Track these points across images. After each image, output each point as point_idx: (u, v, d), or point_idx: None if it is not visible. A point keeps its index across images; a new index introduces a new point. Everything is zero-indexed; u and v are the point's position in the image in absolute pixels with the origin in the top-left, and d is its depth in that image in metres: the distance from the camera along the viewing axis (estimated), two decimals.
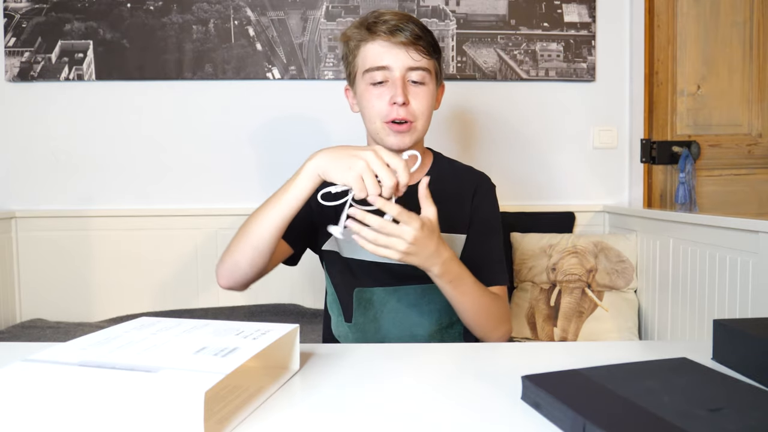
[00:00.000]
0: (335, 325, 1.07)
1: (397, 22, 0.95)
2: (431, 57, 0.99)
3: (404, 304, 1.02)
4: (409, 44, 0.95)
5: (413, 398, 0.55)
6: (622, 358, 0.60)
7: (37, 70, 1.80)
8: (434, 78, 1.01)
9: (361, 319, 1.02)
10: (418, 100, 0.97)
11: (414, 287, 1.02)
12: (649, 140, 1.94)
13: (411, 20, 0.97)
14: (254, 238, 0.89)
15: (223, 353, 0.52)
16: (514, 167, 1.88)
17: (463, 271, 0.88)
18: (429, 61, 0.98)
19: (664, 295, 1.56)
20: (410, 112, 0.96)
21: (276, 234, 0.88)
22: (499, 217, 1.09)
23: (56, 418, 0.46)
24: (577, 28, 1.87)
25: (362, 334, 1.03)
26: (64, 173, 1.84)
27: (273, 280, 1.85)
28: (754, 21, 1.95)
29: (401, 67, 0.95)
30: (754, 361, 0.58)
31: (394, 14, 0.97)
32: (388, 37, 0.95)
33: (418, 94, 0.97)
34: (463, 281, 0.88)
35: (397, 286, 1.02)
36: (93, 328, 1.63)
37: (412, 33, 0.95)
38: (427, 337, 1.02)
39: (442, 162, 1.10)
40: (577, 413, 0.44)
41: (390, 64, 0.95)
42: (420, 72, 0.97)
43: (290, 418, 0.51)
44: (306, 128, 1.86)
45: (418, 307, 1.02)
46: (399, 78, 0.95)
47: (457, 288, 0.88)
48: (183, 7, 1.81)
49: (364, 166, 0.75)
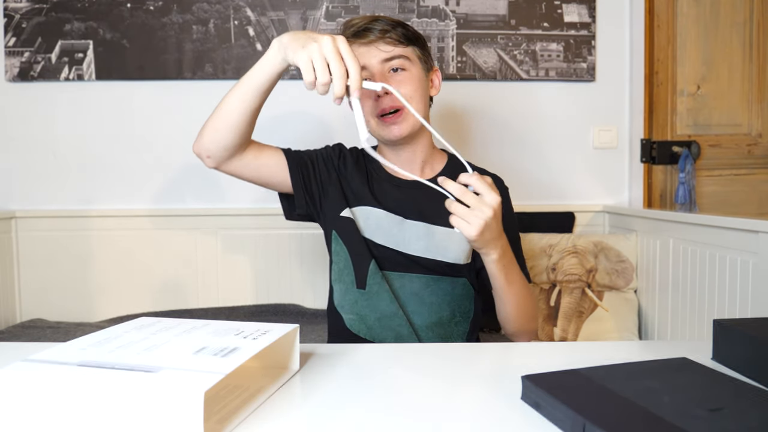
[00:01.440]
0: (341, 293, 1.06)
1: (363, 23, 1.00)
2: (406, 45, 1.02)
3: (406, 291, 1.02)
4: (378, 40, 0.99)
5: (413, 398, 0.55)
6: (622, 358, 0.60)
7: (37, 70, 1.80)
8: (417, 63, 1.04)
9: (375, 287, 1.02)
10: (401, 86, 0.99)
11: (419, 276, 1.03)
12: (649, 140, 1.94)
13: (378, 19, 1.01)
14: (225, 111, 0.93)
15: (223, 353, 0.52)
16: (513, 167, 1.88)
17: (513, 259, 0.92)
18: (404, 48, 1.01)
19: (664, 295, 1.56)
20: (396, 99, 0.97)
21: (246, 108, 0.91)
22: (515, 218, 1.11)
23: (56, 418, 0.46)
24: (577, 28, 1.87)
25: (369, 302, 1.02)
26: (64, 173, 1.84)
27: (273, 280, 1.86)
28: (754, 21, 1.95)
29: (376, 62, 1.00)
30: (754, 361, 0.58)
31: (362, 18, 1.02)
32: (357, 40, 1.00)
33: (400, 81, 1.00)
34: (514, 268, 0.92)
35: (402, 272, 1.03)
36: (93, 328, 1.63)
37: (379, 29, 0.99)
38: (424, 328, 1.02)
39: (455, 163, 1.12)
40: (577, 413, 0.44)
41: (365, 63, 0.99)
42: (396, 60, 1.00)
43: (290, 418, 0.51)
44: (306, 128, 1.86)
45: (419, 296, 1.02)
46: (377, 72, 1.00)
47: (509, 274, 0.90)
48: (183, 7, 1.80)
49: (316, 49, 0.76)
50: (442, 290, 1.03)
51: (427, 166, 1.10)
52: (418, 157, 1.08)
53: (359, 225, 1.05)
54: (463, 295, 1.05)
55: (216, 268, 1.83)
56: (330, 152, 1.12)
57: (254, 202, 1.85)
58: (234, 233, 1.83)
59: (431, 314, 1.02)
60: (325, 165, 1.10)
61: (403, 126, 1.00)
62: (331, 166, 1.10)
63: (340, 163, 1.11)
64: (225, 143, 0.95)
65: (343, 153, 1.13)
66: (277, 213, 1.80)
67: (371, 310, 1.02)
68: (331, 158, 1.11)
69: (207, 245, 1.83)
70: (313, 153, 1.12)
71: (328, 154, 1.12)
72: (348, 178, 1.09)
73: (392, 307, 1.01)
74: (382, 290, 1.01)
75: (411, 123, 1.01)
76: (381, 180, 1.09)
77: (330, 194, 1.07)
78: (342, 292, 1.06)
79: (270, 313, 1.75)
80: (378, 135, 1.03)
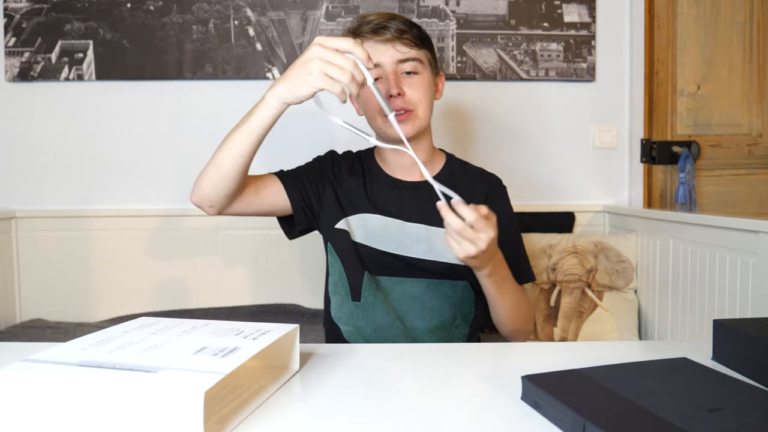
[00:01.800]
0: (338, 306, 1.06)
1: (380, 21, 0.99)
2: (420, 48, 1.01)
3: (408, 296, 1.02)
4: (395, 39, 0.98)
5: (413, 398, 0.55)
6: (622, 358, 0.60)
7: (37, 70, 1.80)
8: (428, 67, 1.03)
9: (370, 299, 1.02)
10: (413, 89, 0.99)
11: (419, 281, 1.02)
12: (649, 140, 1.94)
13: (394, 17, 1.00)
14: (223, 162, 0.91)
15: (223, 353, 0.52)
16: (513, 167, 1.88)
17: (508, 272, 0.93)
18: (418, 51, 1.01)
19: (664, 295, 1.56)
20: (407, 101, 0.99)
21: (244, 157, 0.89)
22: (516, 219, 1.11)
23: (56, 419, 0.46)
24: (577, 28, 1.87)
25: (365, 314, 1.02)
26: (64, 173, 1.84)
27: (273, 280, 1.86)
28: (754, 21, 1.95)
29: (391, 61, 0.99)
30: (754, 361, 0.58)
31: (378, 14, 1.00)
32: (374, 37, 0.99)
33: (413, 84, 1.00)
34: (507, 282, 0.93)
35: (404, 277, 1.02)
36: (93, 328, 1.63)
37: (396, 29, 0.98)
38: (426, 332, 1.02)
39: (454, 163, 1.12)
40: (577, 413, 0.44)
41: (380, 61, 0.98)
42: (411, 63, 1.00)
43: (290, 418, 0.51)
44: (307, 128, 1.86)
45: (421, 300, 1.02)
46: (391, 72, 0.99)
47: (501, 288, 0.92)
48: (183, 7, 1.81)
49: (319, 64, 0.74)
50: (443, 294, 1.03)
51: (427, 167, 1.09)
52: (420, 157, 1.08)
53: (357, 233, 1.04)
54: (464, 297, 1.05)
55: (216, 268, 1.83)
56: (322, 163, 1.11)
57: None
58: (234, 233, 1.83)
59: (433, 318, 1.02)
60: (320, 177, 1.08)
61: (410, 127, 0.99)
62: (325, 177, 1.08)
63: (334, 171, 1.09)
64: (226, 191, 0.94)
65: (336, 160, 1.12)
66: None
67: (367, 322, 1.02)
68: (324, 169, 1.10)
69: (207, 245, 1.83)
70: (306, 168, 1.11)
71: (320, 166, 1.10)
72: (344, 186, 1.08)
73: (388, 318, 1.01)
74: (377, 302, 1.02)
75: (418, 124, 1.01)
76: (381, 182, 1.08)
77: (326, 206, 1.07)
78: (338, 304, 1.06)
79: (270, 313, 1.75)
80: (384, 134, 1.02)
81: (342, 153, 1.15)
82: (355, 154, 1.15)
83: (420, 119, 1.01)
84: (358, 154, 1.15)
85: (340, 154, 1.14)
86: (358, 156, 1.14)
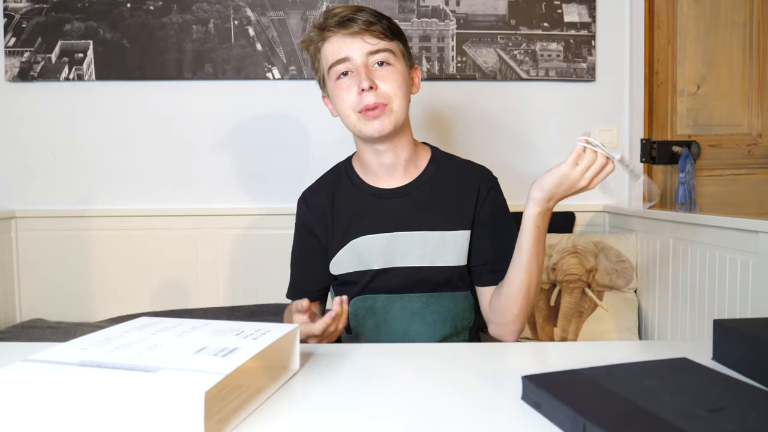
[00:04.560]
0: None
1: (346, 13, 0.94)
2: (391, 39, 0.97)
3: (408, 312, 1.01)
4: (363, 32, 0.94)
5: (413, 398, 0.55)
6: (622, 358, 0.60)
7: (37, 70, 1.80)
8: (401, 59, 0.98)
9: (360, 329, 1.02)
10: (386, 82, 0.95)
11: (419, 296, 1.01)
12: (649, 140, 1.94)
13: (362, 9, 0.96)
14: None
15: (223, 353, 0.52)
16: (513, 167, 1.88)
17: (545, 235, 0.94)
18: (389, 42, 0.96)
19: (664, 295, 1.56)
20: (380, 95, 0.94)
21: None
22: (508, 209, 1.07)
23: (56, 418, 0.46)
24: (577, 28, 1.87)
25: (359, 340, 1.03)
26: (64, 173, 1.84)
27: (273, 280, 1.86)
28: (754, 21, 1.95)
29: (360, 54, 0.94)
30: (754, 361, 0.58)
31: (345, 7, 0.96)
32: (341, 30, 0.94)
33: (385, 76, 0.95)
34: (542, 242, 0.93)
35: (402, 294, 1.01)
36: (93, 328, 1.63)
37: (364, 21, 0.94)
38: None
39: (439, 157, 1.07)
40: (577, 413, 0.44)
41: (349, 54, 0.94)
42: (382, 54, 0.95)
43: (290, 418, 0.51)
44: (307, 128, 1.86)
45: (422, 315, 1.01)
46: (361, 65, 0.94)
47: (537, 242, 0.91)
48: (183, 7, 1.80)
49: None
50: (443, 307, 1.01)
51: (411, 165, 1.04)
52: (401, 157, 1.02)
53: (352, 261, 1.02)
54: (465, 308, 1.04)
55: (216, 268, 1.83)
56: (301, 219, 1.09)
57: (254, 202, 1.85)
58: (234, 233, 1.83)
59: (434, 333, 1.00)
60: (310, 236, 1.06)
61: (386, 121, 0.94)
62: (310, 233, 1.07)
63: (311, 220, 1.06)
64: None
65: (308, 205, 1.07)
66: (276, 213, 1.82)
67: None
68: (306, 225, 1.07)
69: (207, 245, 1.83)
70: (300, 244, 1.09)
71: (301, 223, 1.08)
72: (327, 223, 1.04)
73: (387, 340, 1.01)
74: (366, 331, 1.02)
75: (394, 119, 0.95)
76: (364, 195, 1.03)
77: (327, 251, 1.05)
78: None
79: (270, 313, 1.75)
80: (359, 131, 0.97)
81: (309, 188, 1.10)
82: (328, 175, 1.10)
83: (396, 113, 0.95)
84: (333, 170, 1.11)
85: (309, 194, 1.09)
86: (333, 172, 1.10)
